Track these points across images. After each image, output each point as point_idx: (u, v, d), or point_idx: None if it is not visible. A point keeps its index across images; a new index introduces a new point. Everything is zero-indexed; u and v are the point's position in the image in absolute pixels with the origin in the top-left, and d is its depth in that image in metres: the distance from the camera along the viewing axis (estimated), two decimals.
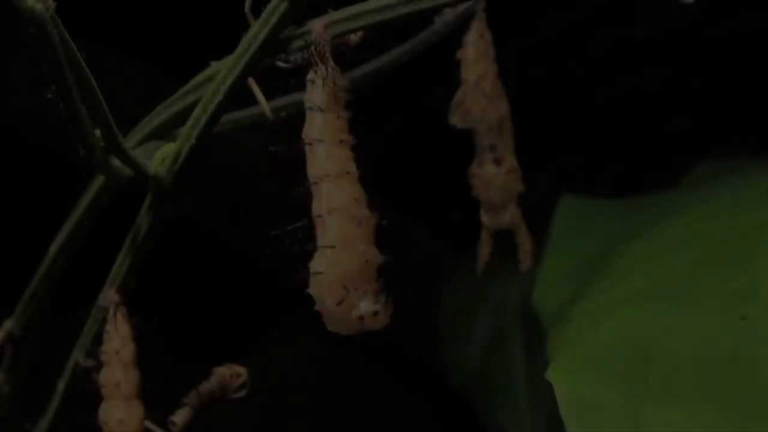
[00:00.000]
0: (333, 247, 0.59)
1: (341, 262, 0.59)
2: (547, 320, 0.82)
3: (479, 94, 0.76)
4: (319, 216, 0.59)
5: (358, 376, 1.48)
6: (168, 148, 0.66)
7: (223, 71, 0.64)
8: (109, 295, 0.70)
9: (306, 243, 0.60)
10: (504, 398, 1.11)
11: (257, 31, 0.63)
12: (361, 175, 0.61)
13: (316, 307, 0.59)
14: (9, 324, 0.79)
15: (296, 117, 0.64)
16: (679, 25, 1.59)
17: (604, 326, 0.71)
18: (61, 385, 0.76)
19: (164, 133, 0.71)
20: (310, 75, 0.61)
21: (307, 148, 0.60)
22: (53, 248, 0.75)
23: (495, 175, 0.76)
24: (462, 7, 0.75)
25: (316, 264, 0.59)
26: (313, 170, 0.60)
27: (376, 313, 0.59)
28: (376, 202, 0.61)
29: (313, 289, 0.59)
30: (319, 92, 0.60)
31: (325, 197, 0.59)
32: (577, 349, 0.69)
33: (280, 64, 0.64)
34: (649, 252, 0.79)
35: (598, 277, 0.79)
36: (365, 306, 0.59)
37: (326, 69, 0.60)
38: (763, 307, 0.67)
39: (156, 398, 0.72)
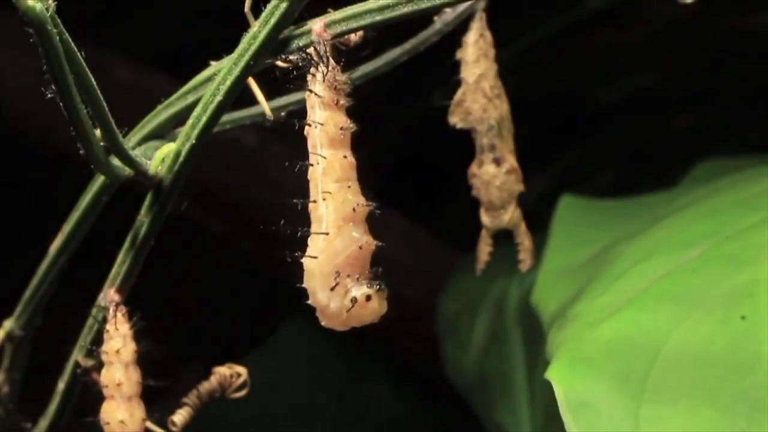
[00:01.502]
0: (326, 234, 0.59)
1: (335, 248, 0.59)
2: (546, 320, 0.82)
3: (479, 94, 0.76)
4: (314, 201, 0.59)
5: (358, 376, 1.48)
6: (168, 148, 0.66)
7: (222, 71, 0.64)
8: (109, 295, 0.70)
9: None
10: (504, 398, 1.11)
11: (257, 31, 0.63)
12: (359, 173, 0.61)
13: (308, 301, 0.59)
14: (9, 324, 0.79)
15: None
16: (678, 26, 1.59)
17: (603, 326, 0.71)
18: (61, 385, 0.76)
19: (164, 132, 0.71)
20: (311, 75, 0.61)
21: (307, 129, 0.60)
22: (53, 248, 0.74)
23: (495, 175, 0.76)
24: (462, 7, 0.75)
25: (310, 251, 0.59)
26: (311, 152, 0.60)
27: (368, 297, 0.58)
28: (376, 202, 0.61)
29: (305, 277, 0.59)
30: (319, 89, 0.60)
31: (320, 181, 0.59)
32: (577, 349, 0.69)
33: (280, 63, 0.64)
34: (648, 252, 0.80)
35: (598, 277, 0.79)
36: (357, 290, 0.58)
37: (326, 68, 0.61)
38: (762, 307, 0.67)
39: (156, 398, 0.72)
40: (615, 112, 1.70)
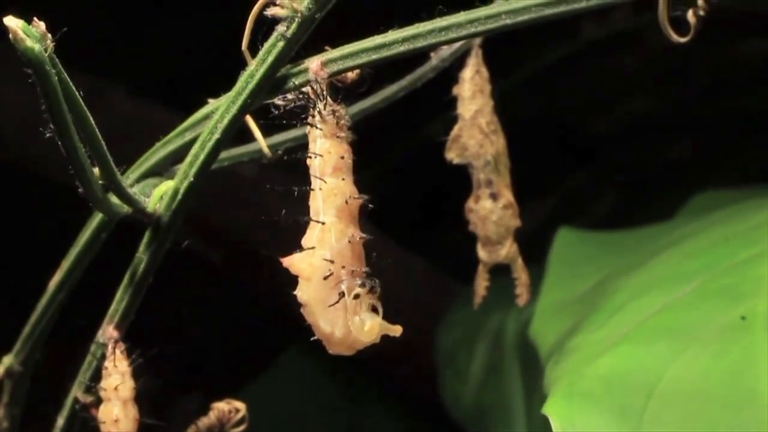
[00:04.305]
0: (323, 223, 0.59)
1: (329, 238, 0.59)
2: (544, 353, 0.82)
3: (476, 130, 0.76)
4: (312, 190, 0.60)
5: (357, 406, 1.48)
6: (166, 186, 0.66)
7: (220, 109, 0.64)
8: (107, 332, 0.70)
9: None
10: (502, 430, 1.11)
11: (254, 69, 0.63)
12: (360, 206, 0.61)
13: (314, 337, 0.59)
14: (8, 360, 0.79)
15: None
16: (676, 53, 1.60)
17: (600, 360, 0.71)
18: (60, 421, 0.76)
19: (162, 170, 0.71)
20: (312, 111, 0.61)
21: (309, 161, 0.61)
22: (52, 284, 0.75)
23: (492, 210, 0.76)
24: (458, 44, 0.75)
25: (307, 240, 0.60)
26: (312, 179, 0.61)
27: (357, 296, 0.58)
28: (374, 235, 0.61)
29: (305, 312, 0.59)
30: (320, 122, 0.61)
31: (319, 166, 0.60)
32: (574, 383, 0.69)
33: (278, 101, 0.64)
34: (645, 286, 0.80)
35: (595, 311, 0.80)
36: (350, 283, 0.59)
37: (324, 106, 0.61)
38: (759, 341, 0.67)
39: None
40: (612, 141, 1.71)
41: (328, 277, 0.58)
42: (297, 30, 0.62)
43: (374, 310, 0.59)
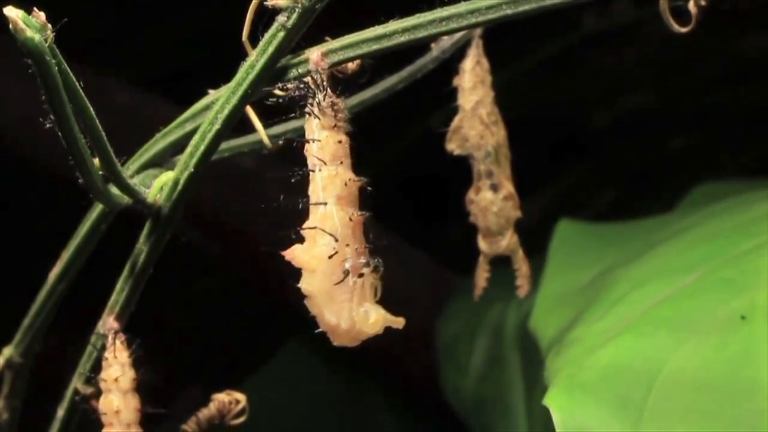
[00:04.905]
0: (325, 204, 0.60)
1: (331, 217, 0.59)
2: (545, 345, 0.82)
3: (476, 121, 0.76)
4: (311, 171, 0.60)
5: (357, 399, 1.48)
6: (166, 177, 0.66)
7: (220, 100, 0.64)
8: (108, 323, 0.70)
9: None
10: (502, 423, 1.11)
11: (255, 59, 0.63)
12: (360, 199, 0.61)
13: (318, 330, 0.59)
14: (8, 351, 0.79)
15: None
16: (674, 47, 1.60)
17: (601, 352, 0.71)
18: (60, 412, 0.76)
19: (162, 160, 0.71)
20: (310, 102, 0.61)
21: (306, 147, 0.61)
22: (52, 275, 0.75)
23: (492, 202, 0.76)
24: (459, 35, 0.75)
25: (309, 224, 0.60)
26: (310, 167, 0.61)
27: (361, 275, 0.59)
28: (374, 226, 0.61)
29: (309, 304, 0.59)
30: (318, 113, 0.61)
31: (316, 151, 0.60)
32: (575, 375, 0.69)
33: (278, 92, 0.64)
34: (645, 277, 0.80)
35: (596, 302, 0.80)
36: (354, 262, 0.59)
37: (324, 97, 0.61)
38: (759, 333, 0.67)
39: (155, 424, 0.72)
40: (612, 134, 1.71)
41: (333, 257, 0.58)
42: (297, 20, 0.62)
43: (375, 291, 0.59)
